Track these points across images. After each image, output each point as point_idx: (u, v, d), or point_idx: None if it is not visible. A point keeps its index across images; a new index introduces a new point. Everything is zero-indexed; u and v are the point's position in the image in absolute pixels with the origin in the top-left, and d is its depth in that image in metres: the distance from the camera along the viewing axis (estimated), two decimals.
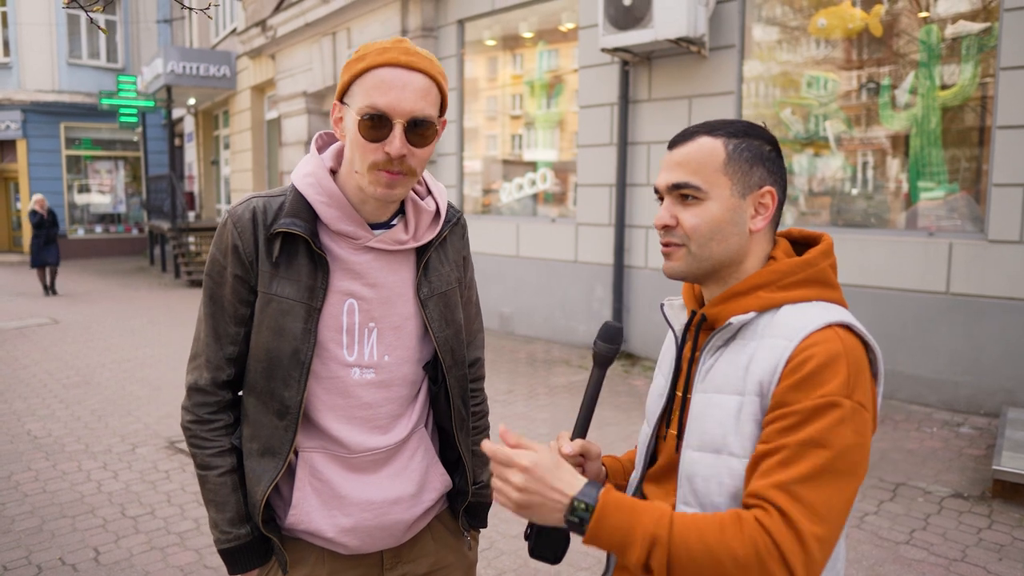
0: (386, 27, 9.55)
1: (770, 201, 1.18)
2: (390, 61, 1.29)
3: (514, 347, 7.92)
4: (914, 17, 5.71)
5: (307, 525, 1.42)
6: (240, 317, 1.40)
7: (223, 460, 1.43)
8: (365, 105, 1.28)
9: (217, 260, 1.40)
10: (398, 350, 1.44)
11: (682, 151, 1.19)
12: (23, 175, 19.67)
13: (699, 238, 1.17)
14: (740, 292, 1.16)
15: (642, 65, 7.03)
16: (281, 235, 1.36)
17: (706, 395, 1.15)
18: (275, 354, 1.37)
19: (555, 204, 8.47)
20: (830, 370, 1.03)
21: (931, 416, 5.33)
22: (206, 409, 1.43)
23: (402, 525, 1.47)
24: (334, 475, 1.42)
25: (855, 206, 6.14)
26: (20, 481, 4.40)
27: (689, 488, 1.15)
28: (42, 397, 6.26)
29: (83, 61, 19.95)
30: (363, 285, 1.40)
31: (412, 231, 1.43)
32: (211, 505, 1.45)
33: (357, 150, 1.32)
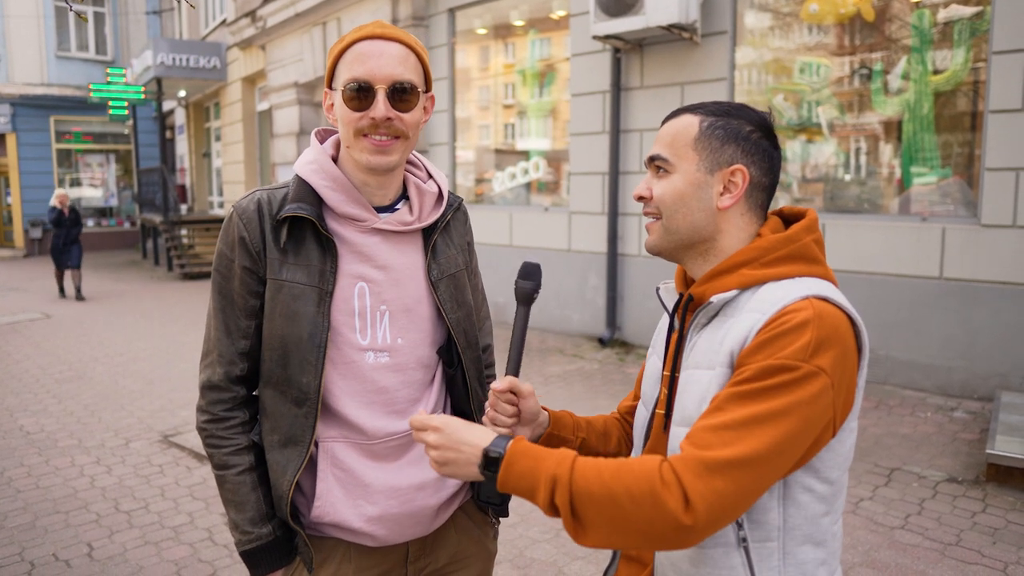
0: (376, 16, 9.49)
1: (740, 179, 1.18)
2: (366, 35, 1.35)
3: (508, 336, 7.90)
4: (906, 2, 5.68)
5: (333, 517, 1.40)
6: (251, 309, 1.40)
7: (241, 458, 1.42)
8: (348, 78, 1.33)
9: (224, 254, 1.40)
10: (411, 332, 1.44)
11: (666, 127, 1.23)
12: (13, 170, 19.54)
13: (665, 209, 1.20)
14: (724, 270, 1.17)
15: (634, 52, 6.99)
16: (288, 221, 1.37)
17: (688, 372, 1.16)
18: (290, 340, 1.36)
19: (548, 193, 8.45)
20: (793, 335, 1.02)
21: (925, 401, 5.34)
22: (221, 406, 1.42)
23: (429, 512, 1.45)
24: (356, 464, 1.40)
25: (848, 192, 6.14)
26: (13, 477, 4.38)
27: None
28: (34, 392, 6.23)
29: (72, 54, 19.78)
30: (372, 267, 1.40)
31: (417, 212, 1.45)
32: (230, 506, 1.42)
33: (345, 125, 1.36)
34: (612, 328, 7.41)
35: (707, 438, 1.01)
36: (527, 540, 3.53)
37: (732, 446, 0.99)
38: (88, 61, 19.90)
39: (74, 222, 11.69)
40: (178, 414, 5.50)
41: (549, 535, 3.57)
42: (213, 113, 17.99)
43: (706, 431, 1.02)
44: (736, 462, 0.98)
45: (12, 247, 20.25)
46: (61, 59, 19.49)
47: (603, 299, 7.53)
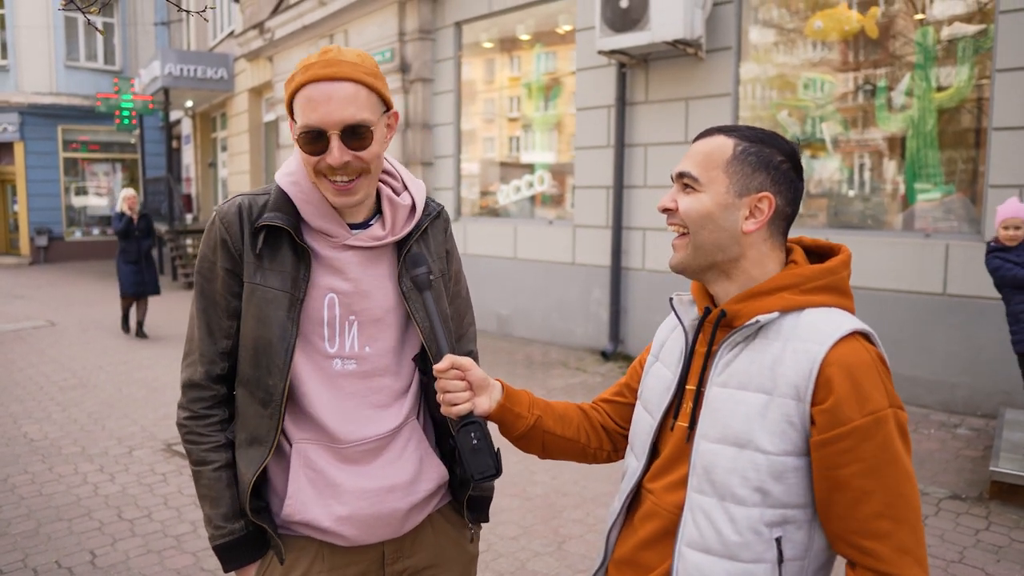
0: (383, 29, 9.56)
1: (766, 207, 1.22)
2: (312, 77, 1.33)
3: (512, 349, 7.92)
4: (910, 19, 5.72)
5: (303, 515, 1.43)
6: (232, 310, 1.44)
7: (218, 455, 1.45)
8: (301, 124, 1.34)
9: (207, 256, 1.44)
10: (379, 342, 1.47)
11: (698, 145, 1.26)
12: (20, 178, 19.64)
13: (692, 224, 1.23)
14: (763, 292, 1.21)
15: (639, 67, 7.04)
16: (265, 228, 1.41)
17: (726, 390, 1.19)
18: (260, 343, 1.41)
19: (553, 206, 8.48)
20: (868, 382, 1.10)
21: (928, 417, 5.33)
22: (201, 404, 1.46)
23: (399, 514, 1.48)
24: (327, 465, 1.44)
25: (852, 208, 6.15)
26: (16, 484, 4.39)
27: (705, 478, 1.18)
28: (38, 400, 6.25)
29: (81, 63, 19.92)
30: (342, 280, 1.44)
31: (389, 226, 1.47)
32: (205, 501, 1.46)
33: (304, 164, 1.39)
34: (615, 341, 7.41)
35: (899, 549, 1.10)
36: (528, 552, 3.52)
37: (917, 547, 1.11)
38: (96, 71, 20.04)
39: (146, 231, 9.07)
40: None
41: (551, 548, 3.57)
42: (220, 123, 18.08)
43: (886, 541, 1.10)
44: (921, 548, 1.12)
45: (18, 255, 20.32)
46: (70, 69, 19.63)
47: (606, 312, 7.54)
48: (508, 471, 4.34)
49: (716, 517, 1.16)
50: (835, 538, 1.14)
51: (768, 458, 1.13)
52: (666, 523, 1.25)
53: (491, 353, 7.63)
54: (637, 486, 1.34)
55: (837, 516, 1.12)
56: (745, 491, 1.14)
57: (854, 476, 1.09)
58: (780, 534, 1.15)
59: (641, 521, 1.31)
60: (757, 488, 1.14)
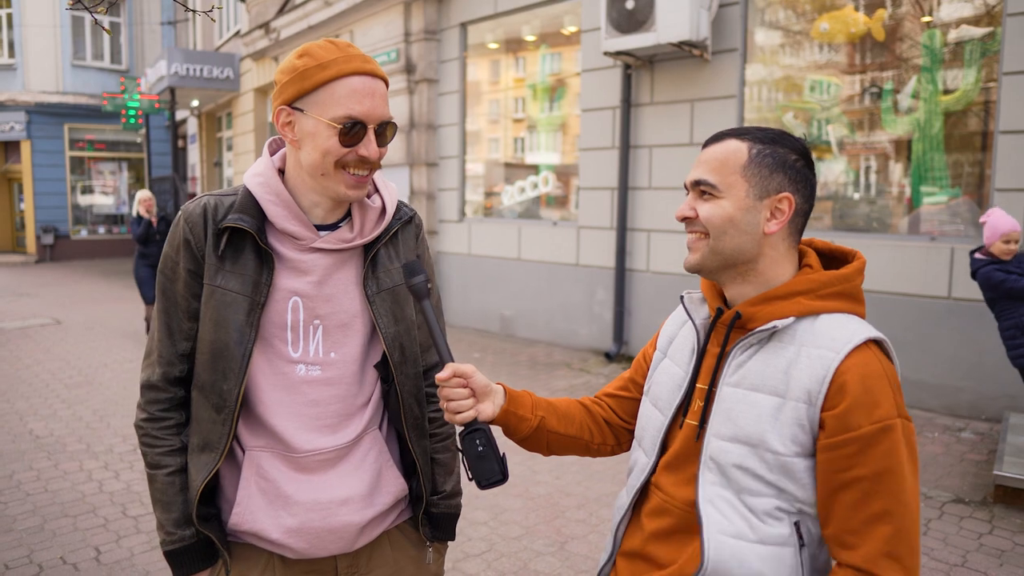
0: (388, 30, 9.58)
1: (787, 207, 1.23)
2: (358, 70, 1.34)
3: (515, 350, 7.93)
4: (917, 21, 5.72)
5: (251, 525, 1.41)
6: (193, 312, 1.41)
7: (172, 459, 1.43)
8: (342, 114, 1.33)
9: (169, 256, 1.42)
10: (345, 347, 1.44)
11: (711, 151, 1.26)
12: (27, 176, 19.72)
13: (714, 230, 1.24)
14: (779, 296, 1.22)
15: (644, 69, 7.04)
16: (228, 230, 1.38)
17: (739, 390, 1.21)
18: (216, 346, 1.38)
19: (557, 207, 8.48)
20: (878, 391, 1.12)
21: (933, 421, 5.33)
22: (158, 406, 1.43)
23: (352, 528, 1.44)
24: (280, 475, 1.41)
25: (857, 210, 6.15)
26: (22, 480, 4.41)
27: (719, 473, 1.21)
28: (44, 397, 6.27)
29: (87, 63, 20.00)
30: (307, 283, 1.41)
31: (358, 228, 1.45)
32: (158, 505, 1.43)
33: (325, 155, 1.35)
34: (619, 343, 7.42)
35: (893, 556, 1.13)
36: (531, 552, 3.53)
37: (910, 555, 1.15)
38: (103, 70, 20.12)
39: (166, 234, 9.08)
40: None
41: (553, 548, 3.57)
42: (225, 123, 18.13)
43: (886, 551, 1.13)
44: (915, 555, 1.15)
45: (24, 253, 20.40)
46: (76, 68, 19.71)
47: (610, 314, 7.54)
48: (512, 472, 4.33)
49: (738, 506, 1.19)
50: (831, 540, 1.16)
51: (778, 458, 1.16)
52: (678, 520, 1.26)
53: (495, 354, 7.64)
54: (647, 482, 1.35)
55: (836, 517, 1.14)
56: (757, 485, 1.18)
57: (857, 480, 1.12)
58: (797, 520, 1.19)
59: (649, 517, 1.32)
60: (769, 484, 1.18)
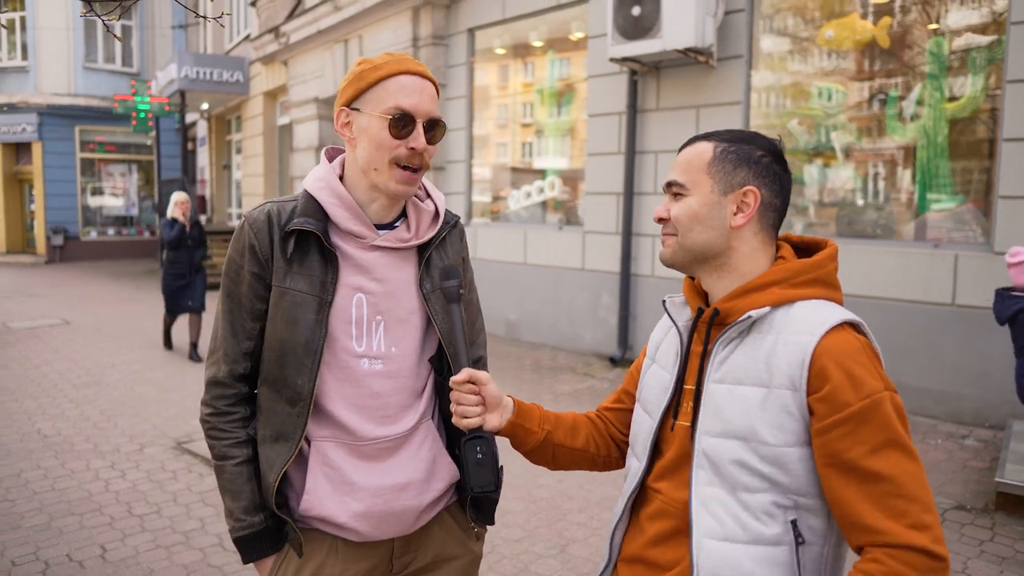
0: (397, 35, 9.64)
1: (752, 200, 1.27)
2: (409, 69, 1.45)
3: (520, 353, 7.95)
4: (922, 29, 5.73)
5: (319, 511, 1.48)
6: (256, 312, 1.49)
7: (239, 450, 1.51)
8: (391, 106, 1.43)
9: (234, 260, 1.49)
10: (403, 342, 1.53)
11: (682, 154, 1.33)
12: (38, 177, 19.87)
13: (681, 228, 1.29)
14: (753, 288, 1.25)
15: (650, 75, 7.07)
16: (295, 233, 1.46)
17: (724, 386, 1.22)
18: (288, 344, 1.45)
19: (563, 212, 8.51)
20: (861, 368, 1.14)
21: (936, 428, 5.32)
22: (224, 401, 1.52)
23: (412, 512, 1.53)
24: (345, 463, 1.49)
25: (862, 217, 6.15)
26: (29, 479, 4.46)
27: (713, 471, 1.22)
28: (52, 396, 6.33)
29: (99, 65, 20.16)
30: (370, 280, 1.49)
31: (414, 230, 1.54)
32: (227, 494, 1.51)
33: (378, 148, 1.44)
34: (623, 347, 7.43)
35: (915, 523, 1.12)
36: (532, 555, 3.55)
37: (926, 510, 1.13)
38: (114, 73, 20.27)
39: (199, 240, 7.98)
40: (191, 422, 5.57)
41: (554, 551, 3.59)
42: (234, 126, 18.24)
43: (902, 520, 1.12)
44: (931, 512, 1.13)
45: (34, 253, 20.54)
46: (88, 70, 19.87)
47: (615, 318, 7.56)
48: (514, 475, 4.37)
49: (732, 506, 1.19)
50: (848, 526, 1.14)
51: (771, 449, 1.17)
52: (678, 521, 1.27)
53: (500, 358, 7.66)
54: (640, 486, 1.36)
55: (847, 501, 1.13)
56: (753, 480, 1.18)
57: (860, 458, 1.12)
58: (795, 517, 1.19)
59: (649, 520, 1.33)
60: (764, 477, 1.18)
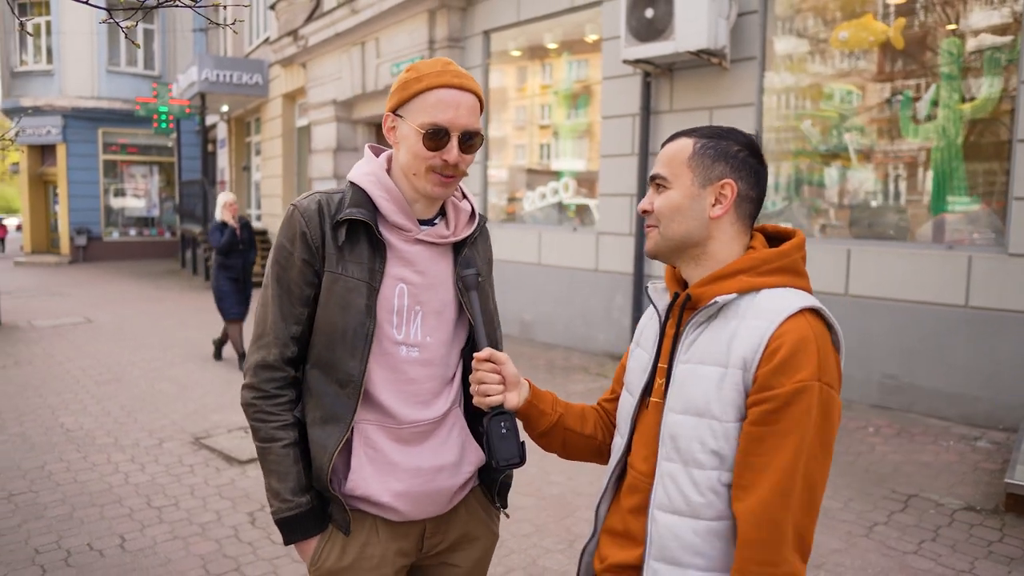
0: (413, 37, 9.73)
1: (729, 192, 1.34)
2: (446, 83, 1.49)
3: (534, 354, 8.00)
4: (937, 30, 5.72)
5: (364, 490, 1.54)
6: (305, 298, 1.54)
7: (287, 433, 1.55)
8: (427, 121, 1.48)
9: (284, 247, 1.55)
10: (438, 332, 1.60)
11: (664, 149, 1.40)
12: (62, 179, 20.22)
13: (663, 219, 1.36)
14: (723, 276, 1.32)
15: (664, 76, 7.10)
16: (347, 222, 1.52)
17: (689, 365, 1.30)
18: (341, 328, 1.51)
19: (578, 213, 8.56)
20: (803, 355, 1.19)
21: (948, 430, 5.31)
22: (273, 384, 1.56)
23: (447, 492, 1.61)
24: (386, 445, 1.56)
25: (875, 218, 6.15)
26: (53, 471, 4.57)
27: (672, 446, 1.30)
28: (75, 392, 6.47)
29: (121, 68, 20.48)
30: (412, 272, 1.56)
31: (453, 227, 1.62)
32: (272, 475, 1.55)
33: (415, 158, 1.51)
34: None
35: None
36: (540, 549, 3.60)
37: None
38: (136, 76, 20.59)
39: (249, 243, 7.47)
40: (210, 418, 5.68)
41: (562, 545, 3.64)
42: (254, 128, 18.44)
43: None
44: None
45: (58, 253, 20.89)
46: (111, 73, 20.19)
47: (628, 319, 7.59)
48: (525, 472, 4.43)
49: (682, 481, 1.28)
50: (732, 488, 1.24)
51: (723, 425, 1.24)
52: (646, 494, 1.35)
53: (514, 358, 7.63)
54: (623, 462, 1.45)
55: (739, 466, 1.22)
56: (704, 456, 1.26)
57: (768, 435, 1.19)
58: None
59: (625, 494, 1.42)
60: (714, 452, 1.25)
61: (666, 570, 1.28)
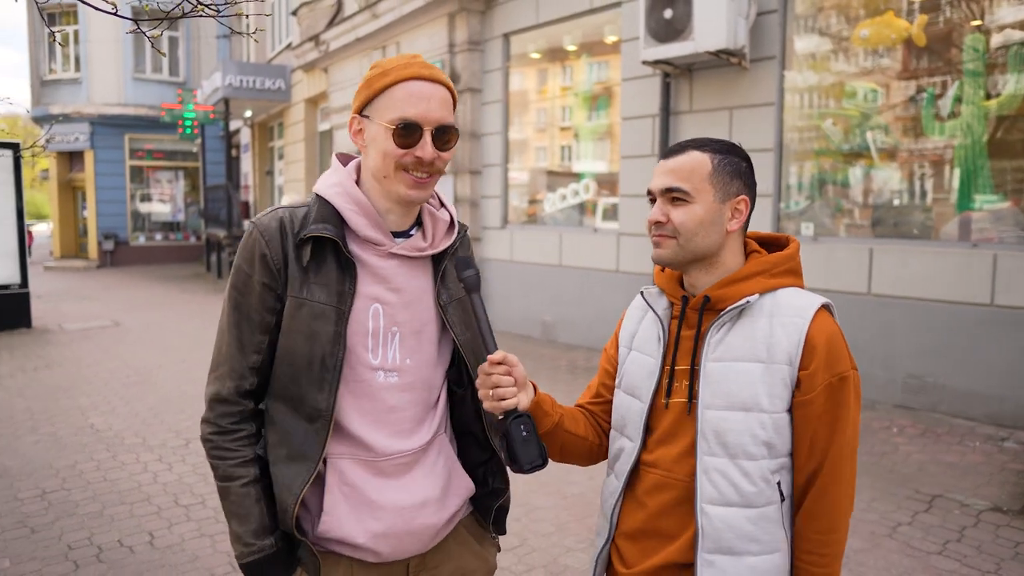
0: (433, 41, 9.80)
1: (744, 208, 1.44)
2: (415, 75, 1.39)
3: (555, 355, 8.02)
4: (960, 27, 5.66)
5: (338, 532, 1.41)
6: (265, 325, 1.41)
7: (246, 470, 1.42)
8: (397, 116, 1.37)
9: (243, 270, 1.41)
10: (419, 354, 1.48)
11: (675, 161, 1.43)
12: (90, 184, 20.57)
13: (686, 232, 1.41)
14: (741, 278, 1.41)
15: (683, 77, 7.09)
16: (311, 240, 1.39)
17: (724, 363, 1.38)
18: (306, 358, 1.39)
19: (599, 214, 8.56)
20: (839, 347, 1.36)
21: (974, 430, 5.25)
22: (230, 419, 1.43)
23: (431, 530, 1.48)
24: (363, 481, 1.42)
25: (898, 217, 6.10)
26: (84, 470, 4.67)
27: (717, 442, 1.37)
28: (104, 394, 6.59)
29: (147, 75, 20.81)
30: (387, 290, 1.44)
31: (430, 239, 1.49)
32: (233, 517, 1.42)
33: (385, 157, 1.39)
34: None
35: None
36: (561, 548, 3.63)
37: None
38: (162, 82, 20.91)
39: None
40: None
41: (583, 544, 3.66)
42: (277, 132, 18.64)
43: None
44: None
45: (86, 258, 21.25)
46: (137, 80, 20.53)
47: None
48: (546, 471, 4.44)
49: (731, 474, 1.35)
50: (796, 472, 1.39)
51: (771, 416, 1.34)
52: (679, 491, 1.40)
53: (535, 359, 7.75)
54: (636, 464, 1.47)
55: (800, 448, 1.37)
56: (755, 447, 1.34)
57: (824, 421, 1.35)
58: (779, 479, 1.38)
59: (648, 494, 1.44)
60: (765, 443, 1.36)
61: (723, 560, 1.35)
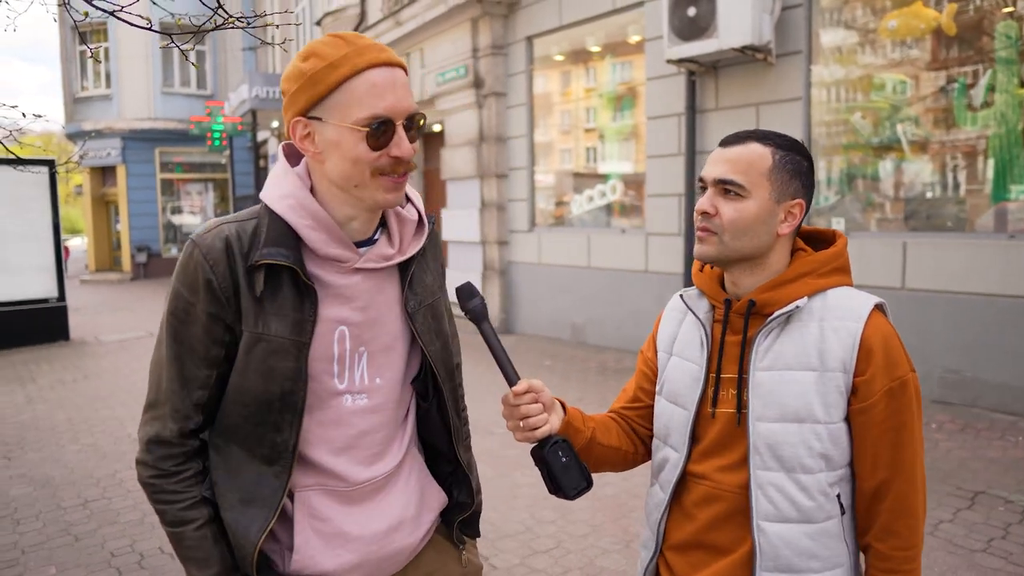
0: (456, 46, 9.85)
1: (798, 212, 1.33)
2: (374, 61, 1.19)
3: (585, 356, 8.01)
4: (991, 14, 5.56)
5: (312, 568, 1.31)
6: (212, 359, 1.26)
7: (198, 512, 1.29)
8: (367, 115, 1.18)
9: (183, 296, 1.25)
10: (389, 371, 1.36)
11: (734, 151, 1.33)
12: (122, 198, 20.97)
13: (733, 230, 1.31)
14: (787, 280, 1.32)
15: (708, 74, 7.05)
16: (264, 267, 1.23)
17: (774, 372, 1.29)
18: (263, 398, 1.25)
19: (626, 215, 8.54)
20: (896, 351, 1.28)
21: (1016, 425, 5.15)
22: (172, 462, 1.28)
23: (406, 552, 1.41)
24: (334, 512, 1.32)
25: (932, 210, 6.00)
26: (124, 479, 4.76)
27: (771, 455, 1.29)
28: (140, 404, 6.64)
29: (175, 89, 21.18)
30: (352, 309, 1.30)
31: (397, 243, 1.34)
32: (191, 563, 1.29)
33: (355, 164, 1.21)
34: None
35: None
36: (597, 550, 3.62)
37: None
38: (190, 96, 21.27)
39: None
40: None
41: (619, 545, 3.65)
42: None
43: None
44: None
45: (120, 271, 21.65)
46: (166, 95, 20.90)
47: None
48: None
49: (788, 489, 1.28)
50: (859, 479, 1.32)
51: (827, 427, 1.27)
52: (731, 504, 1.33)
53: (565, 361, 7.74)
54: (682, 475, 1.40)
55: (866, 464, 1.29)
56: (811, 460, 1.27)
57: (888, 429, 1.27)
58: (839, 491, 1.30)
59: (697, 507, 1.38)
60: (822, 455, 1.28)
61: None
